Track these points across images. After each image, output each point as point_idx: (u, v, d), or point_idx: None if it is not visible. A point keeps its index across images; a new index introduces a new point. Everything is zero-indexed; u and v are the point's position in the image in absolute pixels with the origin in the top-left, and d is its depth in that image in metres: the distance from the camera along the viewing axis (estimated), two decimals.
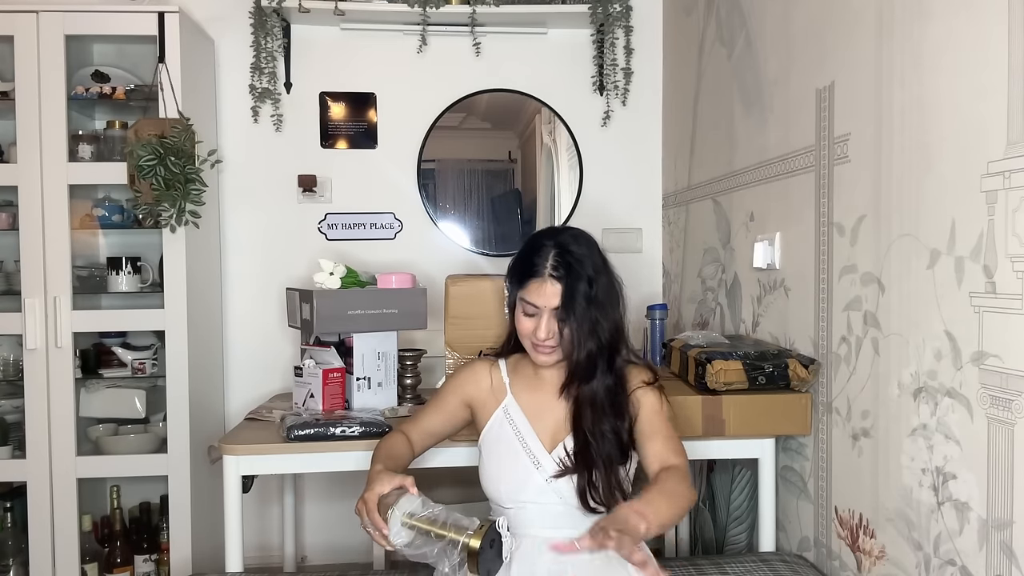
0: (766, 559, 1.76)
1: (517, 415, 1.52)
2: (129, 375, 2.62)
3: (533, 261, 1.46)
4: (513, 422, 1.51)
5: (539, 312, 1.45)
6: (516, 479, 1.46)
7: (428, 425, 1.58)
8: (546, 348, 1.45)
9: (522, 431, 1.50)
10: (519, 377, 1.57)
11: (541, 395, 1.53)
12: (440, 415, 1.58)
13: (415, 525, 1.24)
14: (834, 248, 1.70)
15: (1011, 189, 1.16)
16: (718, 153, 2.43)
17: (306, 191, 2.91)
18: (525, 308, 1.46)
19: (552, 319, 1.44)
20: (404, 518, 1.24)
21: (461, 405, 1.58)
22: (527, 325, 1.47)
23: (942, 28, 1.32)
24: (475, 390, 1.57)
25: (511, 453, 1.49)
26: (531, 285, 1.45)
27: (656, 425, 1.47)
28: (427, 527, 1.23)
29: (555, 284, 1.43)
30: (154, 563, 2.61)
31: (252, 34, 2.81)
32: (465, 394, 1.58)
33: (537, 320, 1.45)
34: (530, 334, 1.46)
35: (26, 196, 2.44)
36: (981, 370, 1.23)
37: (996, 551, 1.20)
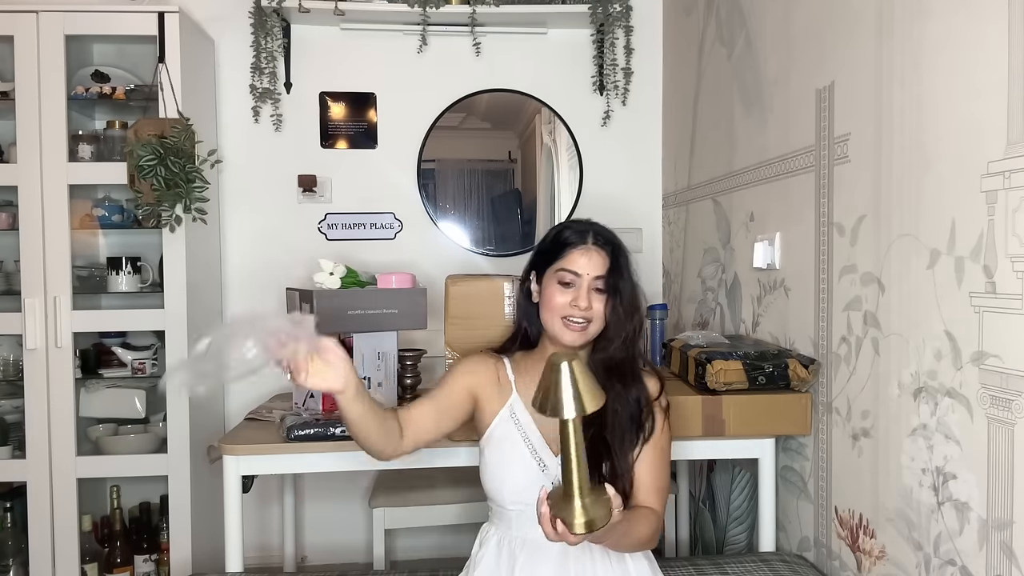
0: (766, 559, 1.76)
1: (523, 415, 1.45)
2: (129, 375, 2.62)
3: (570, 236, 1.41)
4: (519, 422, 1.46)
5: (578, 281, 1.38)
6: (520, 481, 1.42)
7: (425, 415, 1.44)
8: (579, 323, 1.38)
9: (528, 432, 1.44)
10: (524, 376, 1.50)
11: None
12: (436, 409, 1.45)
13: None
14: (834, 248, 1.70)
15: (1011, 189, 1.16)
16: (718, 153, 2.43)
17: (306, 191, 2.91)
18: (562, 278, 1.39)
19: (591, 291, 1.38)
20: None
21: (466, 395, 1.48)
22: (562, 297, 1.39)
23: (942, 28, 1.32)
24: (484, 380, 1.49)
25: (516, 454, 1.43)
26: (572, 253, 1.39)
27: (649, 453, 1.41)
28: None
29: (600, 252, 1.39)
30: (154, 563, 2.61)
31: (252, 34, 2.81)
32: (473, 383, 1.48)
33: (576, 291, 1.38)
34: (565, 306, 1.38)
35: (26, 196, 2.44)
36: (981, 370, 1.23)
37: (996, 551, 1.20)
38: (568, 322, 1.39)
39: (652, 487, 1.40)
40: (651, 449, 1.41)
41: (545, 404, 1.06)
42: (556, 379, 1.04)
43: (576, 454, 1.06)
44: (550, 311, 1.41)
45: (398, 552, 2.97)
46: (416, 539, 2.93)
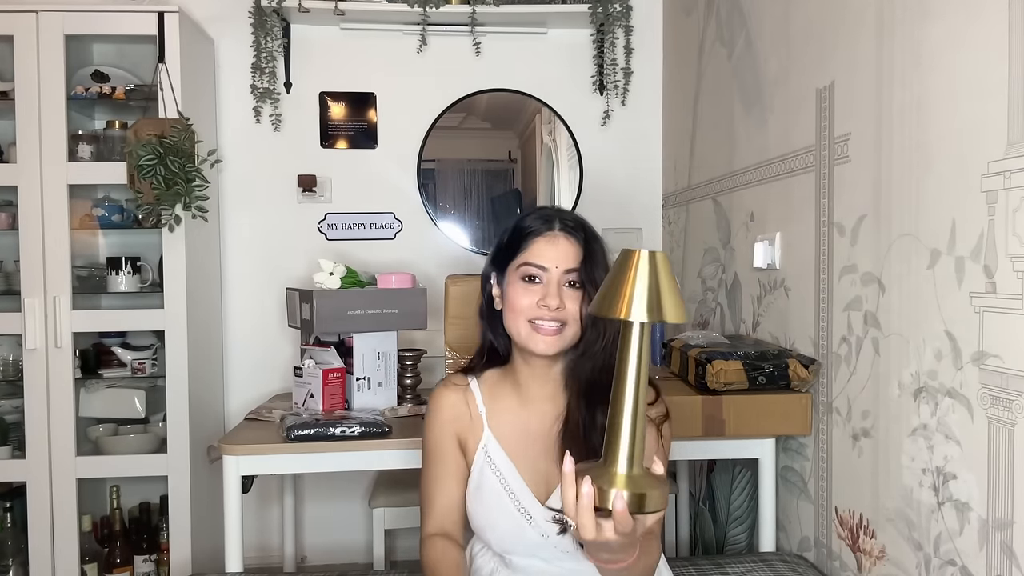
0: (766, 559, 1.76)
1: (499, 457, 1.24)
2: (129, 375, 2.61)
3: (532, 223, 1.21)
4: (495, 466, 1.23)
5: (545, 276, 1.17)
6: (508, 534, 1.23)
7: (453, 497, 1.26)
8: (551, 326, 1.16)
9: (507, 478, 1.22)
10: (498, 403, 1.27)
11: (528, 424, 1.24)
12: (454, 479, 1.26)
13: None
14: (834, 248, 1.70)
15: (1011, 189, 1.16)
16: (718, 153, 2.43)
17: (306, 191, 2.91)
18: (527, 273, 1.18)
19: (561, 287, 1.17)
20: None
21: (456, 448, 1.29)
22: (526, 297, 1.17)
23: (942, 28, 1.32)
24: (459, 426, 1.28)
25: (498, 505, 1.22)
26: (536, 244, 1.18)
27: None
28: None
29: (570, 239, 1.19)
30: (154, 563, 2.61)
31: (252, 34, 2.81)
32: (456, 435, 1.29)
33: (543, 288, 1.17)
34: (532, 307, 1.17)
35: (26, 196, 2.44)
36: (981, 370, 1.22)
37: (996, 551, 1.20)
38: (537, 326, 1.17)
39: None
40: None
41: (604, 300, 0.75)
42: (627, 268, 0.74)
43: (636, 386, 0.75)
44: (514, 314, 1.19)
45: (398, 552, 2.96)
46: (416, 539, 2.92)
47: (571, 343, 1.19)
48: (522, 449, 1.23)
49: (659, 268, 0.75)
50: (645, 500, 0.76)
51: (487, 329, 1.30)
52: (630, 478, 0.75)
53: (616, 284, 0.74)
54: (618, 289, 0.74)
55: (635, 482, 0.75)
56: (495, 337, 1.29)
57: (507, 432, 1.25)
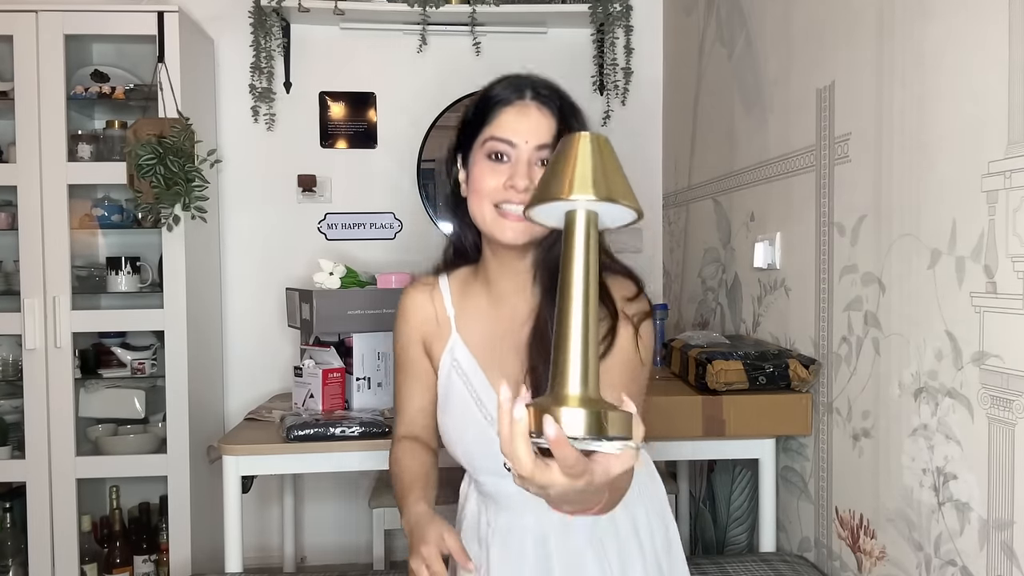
0: (767, 559, 1.76)
1: (467, 361, 1.13)
2: (128, 375, 2.61)
3: (500, 92, 1.09)
4: (462, 372, 1.13)
5: (514, 153, 1.03)
6: (474, 447, 1.12)
7: (421, 404, 1.19)
8: (520, 211, 1.00)
9: (474, 384, 1.12)
10: (468, 303, 1.16)
11: (498, 324, 1.13)
12: (421, 384, 1.19)
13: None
14: (835, 248, 1.70)
15: (1012, 189, 1.15)
16: (718, 153, 2.43)
17: (306, 191, 2.91)
18: (493, 149, 1.04)
19: (532, 166, 1.03)
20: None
21: (423, 354, 1.20)
22: (492, 178, 1.03)
23: (942, 28, 1.32)
24: (425, 331, 1.18)
25: (464, 414, 1.12)
26: (504, 115, 1.05)
27: (617, 376, 1.02)
28: None
29: (543, 110, 1.06)
30: (153, 564, 2.61)
31: (252, 34, 2.81)
32: (423, 340, 1.19)
33: (511, 167, 1.03)
34: (498, 189, 1.03)
35: (25, 196, 2.43)
36: (982, 370, 1.22)
37: (997, 551, 1.20)
38: (504, 211, 1.03)
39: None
40: (611, 368, 1.02)
41: (543, 186, 0.64)
42: (568, 151, 0.64)
43: (585, 289, 0.62)
44: (479, 198, 1.04)
45: (398, 552, 2.96)
46: None
47: (543, 232, 1.03)
48: (491, 352, 1.11)
49: (603, 152, 0.65)
50: (602, 422, 0.58)
51: (453, 221, 1.17)
52: (580, 399, 0.59)
53: (556, 168, 0.64)
54: (559, 173, 0.63)
55: (586, 404, 0.59)
56: (463, 230, 1.15)
57: (475, 334, 1.14)
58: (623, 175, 0.64)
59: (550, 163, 0.66)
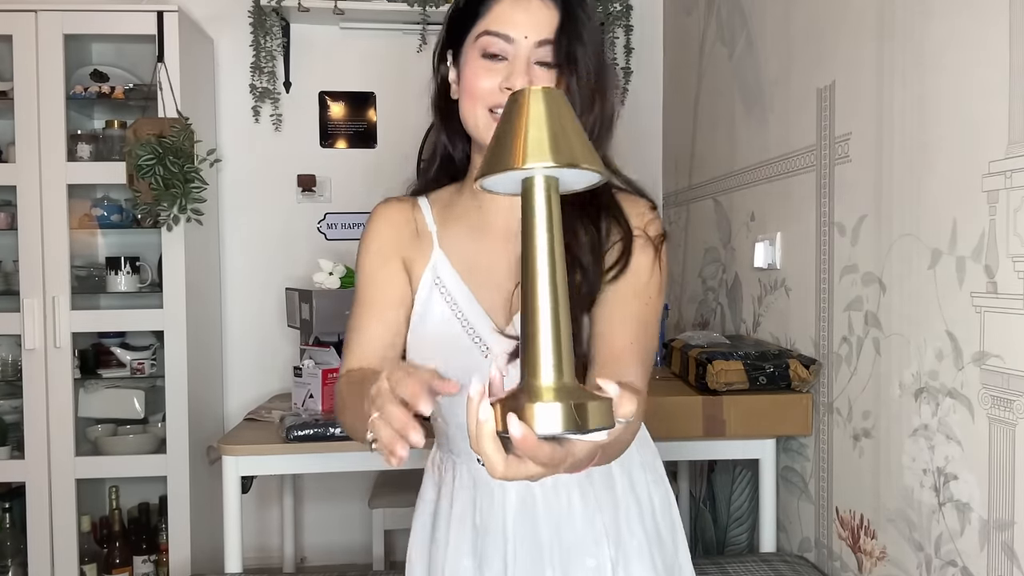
0: (767, 559, 1.76)
1: (451, 280, 1.00)
2: (128, 375, 2.61)
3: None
4: (446, 290, 1.00)
5: (511, 51, 0.92)
6: (457, 373, 0.90)
7: (380, 334, 1.00)
8: None
9: (460, 303, 0.99)
10: (451, 221, 1.04)
11: (486, 243, 1.01)
12: (385, 314, 1.01)
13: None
14: (835, 248, 1.70)
15: (1012, 189, 1.15)
16: (719, 153, 2.43)
17: (305, 191, 2.90)
18: (487, 47, 0.93)
19: (531, 66, 0.92)
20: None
21: (402, 274, 1.03)
22: (486, 79, 0.92)
23: (943, 27, 1.32)
24: (402, 244, 1.04)
25: (446, 335, 0.98)
26: (500, 6, 0.93)
27: (629, 304, 0.93)
28: None
29: (545, 0, 0.93)
30: (153, 564, 2.60)
31: (251, 33, 2.80)
32: (400, 255, 1.04)
33: (509, 66, 0.92)
34: (493, 91, 0.92)
35: (25, 196, 2.43)
36: (982, 370, 1.22)
37: (997, 552, 1.20)
38: (498, 115, 0.86)
39: (626, 350, 0.90)
40: (624, 295, 0.93)
41: (492, 156, 0.58)
42: (516, 112, 0.57)
43: (551, 264, 0.56)
44: (471, 101, 0.94)
45: (398, 552, 2.96)
46: None
47: None
48: (481, 272, 1.00)
49: (558, 109, 0.57)
50: (579, 415, 0.54)
51: (440, 127, 1.05)
52: (555, 391, 0.54)
53: (505, 133, 0.57)
54: (510, 137, 0.56)
55: (562, 395, 0.54)
56: (450, 138, 1.05)
57: (463, 252, 1.02)
58: (581, 134, 0.58)
59: (498, 125, 0.59)
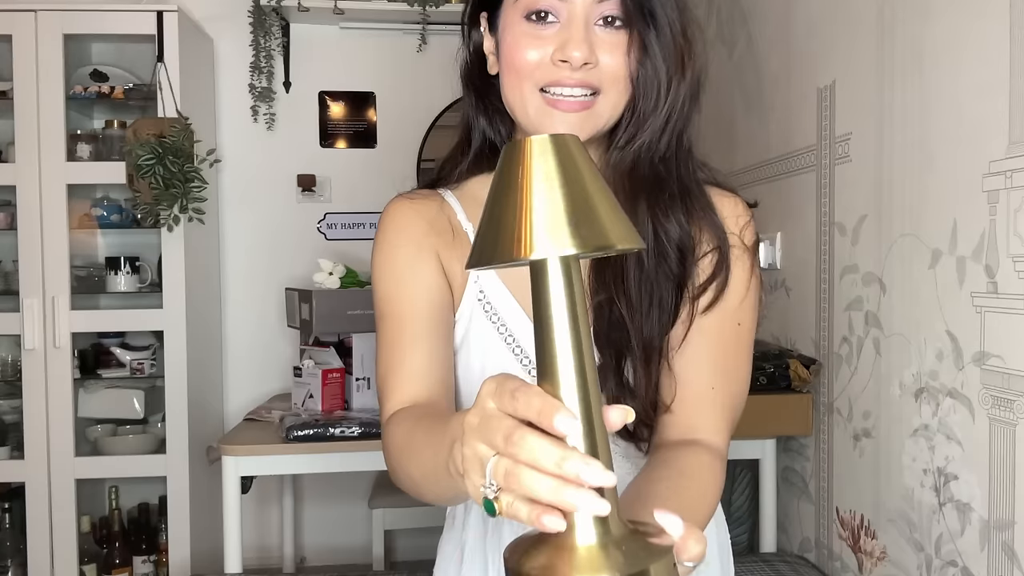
0: (767, 560, 1.76)
1: (498, 295, 0.81)
2: (128, 375, 2.61)
3: None
4: (492, 308, 0.81)
5: (564, 8, 0.73)
6: None
7: (426, 358, 0.78)
8: (577, 96, 0.73)
9: (509, 323, 0.81)
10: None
11: None
12: (426, 329, 0.79)
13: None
14: (835, 248, 1.70)
15: (1013, 189, 1.15)
16: (719, 152, 2.42)
17: (305, 191, 2.90)
18: (532, 4, 0.73)
19: (592, 27, 0.73)
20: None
21: (443, 276, 0.82)
22: (535, 48, 0.73)
23: (943, 27, 1.31)
24: (440, 243, 0.83)
25: (494, 361, 0.81)
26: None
27: (712, 335, 0.75)
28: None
29: None
30: (153, 564, 2.60)
31: (251, 33, 2.80)
32: (437, 253, 0.82)
33: (562, 31, 0.72)
34: (543, 64, 0.73)
35: (24, 196, 2.43)
36: (983, 370, 1.22)
37: (998, 552, 1.20)
38: (553, 96, 0.74)
39: (704, 397, 0.74)
40: (718, 328, 0.76)
41: (487, 237, 0.44)
42: (515, 173, 0.43)
43: (580, 368, 0.44)
44: (516, 77, 0.75)
45: (398, 552, 2.96)
46: (416, 539, 2.92)
47: (609, 122, 0.76)
48: (525, 277, 0.78)
49: (575, 161, 0.43)
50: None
51: (473, 108, 0.84)
52: (597, 551, 0.41)
53: (502, 204, 0.43)
54: (507, 212, 0.42)
55: (607, 557, 0.41)
56: (488, 120, 0.84)
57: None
58: (607, 194, 0.43)
59: (492, 188, 0.44)
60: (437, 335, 0.80)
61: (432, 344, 0.79)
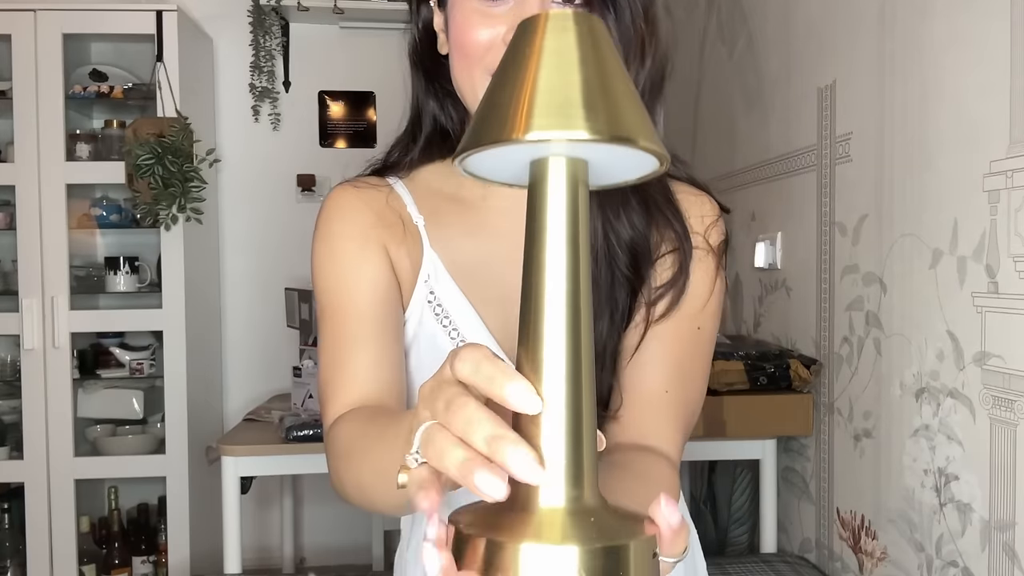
0: (768, 560, 1.76)
1: (448, 292, 0.76)
2: (127, 375, 2.61)
3: None
4: (442, 309, 0.76)
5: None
6: None
7: (373, 356, 0.72)
8: None
9: (461, 326, 0.75)
10: (442, 212, 0.78)
11: (491, 243, 0.77)
12: (372, 327, 0.73)
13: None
14: (836, 248, 1.70)
15: (1013, 188, 1.15)
16: (719, 152, 2.42)
17: (305, 190, 2.90)
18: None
19: (546, 6, 0.67)
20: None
21: (390, 270, 0.76)
22: (485, 27, 0.68)
23: (944, 26, 1.31)
24: (386, 235, 0.77)
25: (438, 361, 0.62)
26: None
27: (670, 340, 0.71)
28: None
29: None
30: (152, 564, 2.60)
31: (251, 32, 2.80)
32: (380, 240, 0.77)
33: (515, 8, 0.67)
34: (496, 43, 0.67)
35: (23, 195, 2.43)
36: (983, 371, 1.22)
37: (998, 552, 1.19)
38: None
39: (668, 408, 0.70)
40: (675, 331, 0.71)
41: (484, 118, 0.36)
42: (527, 45, 0.36)
43: (573, 310, 0.36)
44: (464, 59, 0.70)
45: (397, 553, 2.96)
46: None
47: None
48: (485, 283, 0.76)
49: (598, 44, 0.35)
50: (612, 565, 0.34)
51: (422, 91, 0.79)
52: (566, 518, 0.35)
53: (504, 83, 0.35)
54: (508, 89, 0.35)
55: (577, 527, 0.34)
56: (439, 103, 0.78)
57: (460, 256, 0.77)
58: (632, 93, 0.36)
59: (497, 70, 0.37)
60: (385, 334, 0.73)
61: (380, 343, 0.73)
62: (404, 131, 0.83)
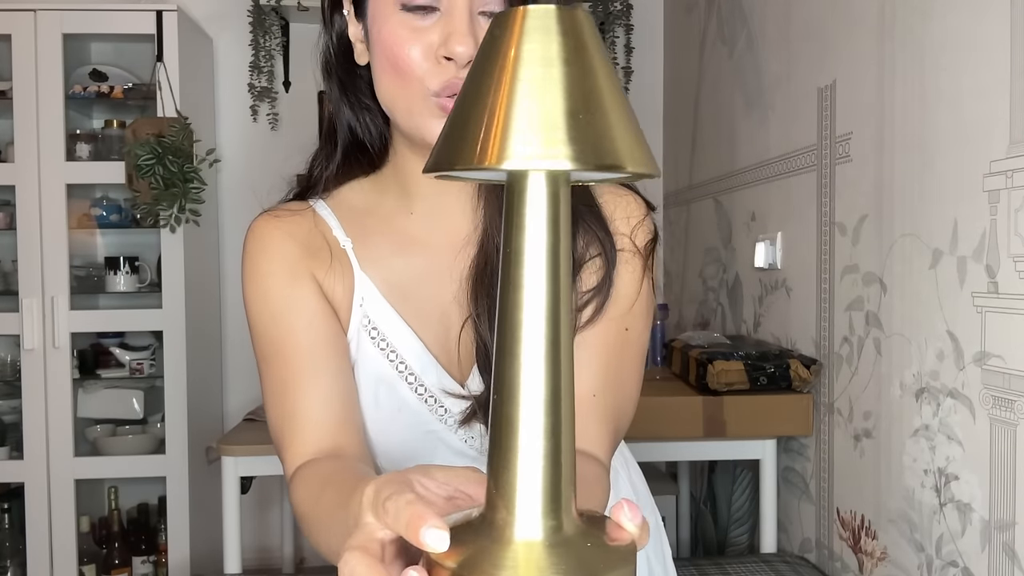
0: (768, 560, 1.75)
1: (382, 314, 0.74)
2: (127, 375, 2.61)
3: None
4: (378, 332, 0.74)
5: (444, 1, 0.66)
6: (407, 446, 0.74)
7: (323, 394, 0.70)
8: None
9: (400, 348, 0.73)
10: (369, 232, 0.77)
11: (422, 258, 0.76)
12: (317, 363, 0.71)
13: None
14: (836, 248, 1.69)
15: (1014, 189, 1.15)
16: (719, 152, 2.42)
17: None
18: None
19: (476, 17, 0.66)
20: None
21: (326, 302, 0.75)
22: (413, 41, 0.66)
23: (944, 26, 1.31)
24: (314, 264, 0.76)
25: (388, 403, 0.74)
26: None
27: (596, 345, 0.70)
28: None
29: None
30: (152, 564, 2.60)
31: (251, 32, 2.80)
32: (310, 272, 0.75)
33: (443, 21, 0.66)
34: (423, 59, 0.66)
35: (23, 195, 2.43)
36: (984, 371, 1.22)
37: (999, 552, 1.19)
38: (440, 100, 0.66)
39: (597, 411, 0.69)
40: (602, 333, 0.71)
41: (455, 134, 0.32)
42: (502, 48, 0.32)
43: (553, 316, 0.34)
44: (399, 77, 0.68)
45: None
46: None
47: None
48: (419, 301, 0.74)
49: (583, 49, 0.32)
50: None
51: (337, 102, 0.79)
52: (545, 552, 0.33)
53: (479, 92, 0.32)
54: (479, 98, 0.32)
55: (557, 559, 0.33)
56: (356, 116, 0.78)
57: (391, 275, 0.75)
58: (621, 100, 0.33)
59: (471, 69, 0.34)
60: (329, 367, 0.71)
61: (327, 378, 0.70)
62: (319, 146, 0.82)
